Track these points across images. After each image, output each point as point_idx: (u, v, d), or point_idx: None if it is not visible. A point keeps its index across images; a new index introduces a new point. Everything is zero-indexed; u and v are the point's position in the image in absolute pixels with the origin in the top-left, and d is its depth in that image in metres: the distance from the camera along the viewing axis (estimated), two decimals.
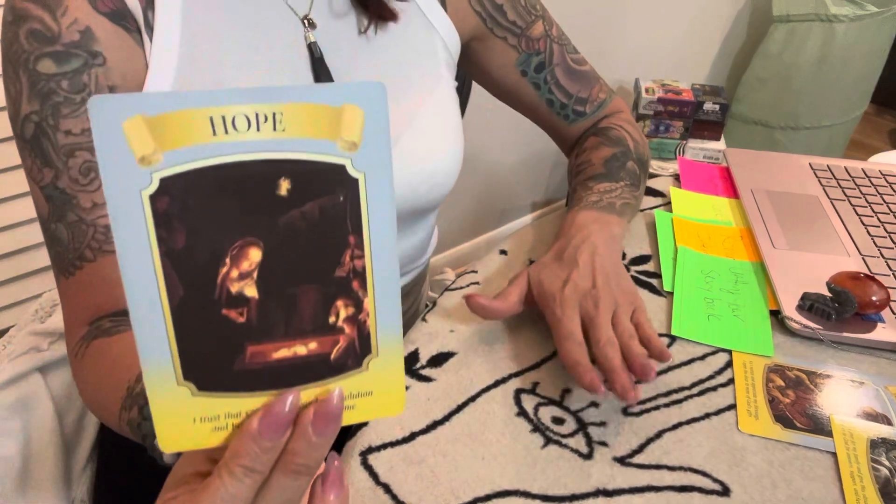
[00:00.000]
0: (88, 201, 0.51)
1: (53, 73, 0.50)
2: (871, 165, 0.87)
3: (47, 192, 0.51)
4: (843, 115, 2.12)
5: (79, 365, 0.52)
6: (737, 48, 2.33)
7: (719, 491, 0.47)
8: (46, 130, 0.50)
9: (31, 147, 0.51)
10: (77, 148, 0.51)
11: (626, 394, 0.49)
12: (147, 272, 0.28)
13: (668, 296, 0.65)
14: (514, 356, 0.57)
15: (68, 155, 0.50)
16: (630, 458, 0.49)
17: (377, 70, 0.62)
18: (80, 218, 0.51)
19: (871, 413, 0.53)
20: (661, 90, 1.87)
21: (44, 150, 0.51)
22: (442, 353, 0.57)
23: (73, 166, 0.51)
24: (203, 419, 0.30)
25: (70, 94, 0.50)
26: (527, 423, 0.52)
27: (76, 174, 0.51)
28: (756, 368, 0.57)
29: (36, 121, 0.50)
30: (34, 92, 0.50)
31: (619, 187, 0.69)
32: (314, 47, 0.59)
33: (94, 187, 0.51)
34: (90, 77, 0.51)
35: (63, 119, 0.50)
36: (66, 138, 0.50)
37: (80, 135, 0.51)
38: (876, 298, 0.59)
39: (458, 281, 0.67)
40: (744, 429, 0.52)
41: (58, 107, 0.50)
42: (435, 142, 0.64)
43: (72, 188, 0.51)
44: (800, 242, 0.71)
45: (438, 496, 0.46)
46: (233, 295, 0.29)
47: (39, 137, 0.50)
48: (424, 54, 0.66)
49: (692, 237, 0.72)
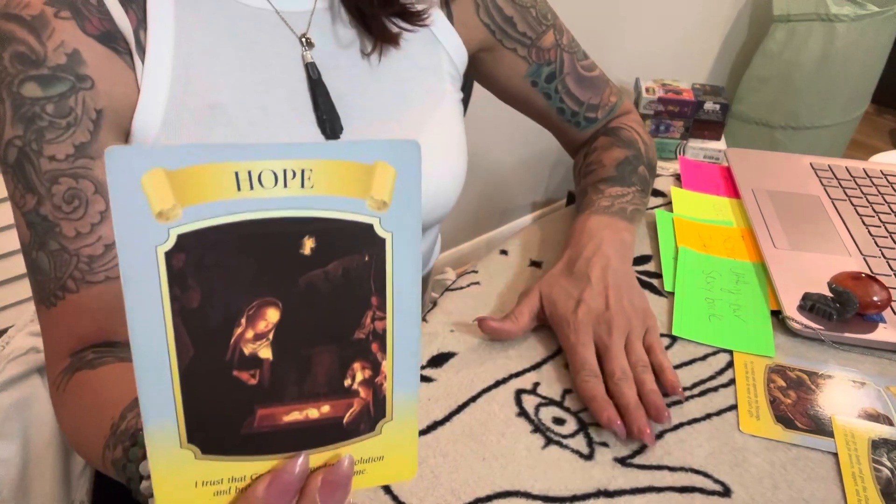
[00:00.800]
0: (72, 230, 0.49)
1: (38, 97, 0.49)
2: (872, 165, 0.86)
3: (29, 218, 0.49)
4: (844, 114, 2.12)
5: (60, 398, 0.50)
6: (737, 48, 2.33)
7: (720, 492, 0.47)
8: (30, 155, 0.49)
9: (14, 172, 0.49)
10: (61, 175, 0.49)
11: (642, 435, 0.49)
12: (157, 331, 0.26)
13: (669, 296, 0.64)
14: (514, 356, 0.57)
15: (52, 181, 0.49)
16: (631, 458, 0.49)
17: (379, 89, 0.61)
18: (63, 247, 0.49)
19: (873, 413, 0.53)
20: (661, 90, 1.87)
21: (27, 176, 0.49)
22: (442, 353, 0.57)
23: (57, 193, 0.49)
24: (205, 483, 0.29)
25: (55, 118, 0.49)
26: (527, 424, 0.51)
27: (59, 201, 0.49)
28: (757, 369, 0.57)
29: (19, 146, 0.49)
30: (18, 116, 0.49)
31: (631, 192, 0.69)
32: (311, 68, 0.57)
33: (77, 216, 0.49)
34: (77, 101, 0.49)
35: (47, 144, 0.49)
36: (49, 164, 0.49)
37: (63, 161, 0.49)
38: (877, 298, 0.59)
39: (459, 281, 0.66)
40: (745, 429, 0.52)
41: (42, 132, 0.49)
42: (438, 162, 0.63)
43: (54, 216, 0.49)
44: (801, 242, 0.71)
45: (439, 497, 0.46)
46: (246, 356, 0.28)
47: (22, 162, 0.49)
48: (428, 70, 0.64)
49: (693, 237, 0.72)
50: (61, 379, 0.50)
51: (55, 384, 0.51)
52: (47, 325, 0.51)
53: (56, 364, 0.51)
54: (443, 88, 0.65)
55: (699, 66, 2.27)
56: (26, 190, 0.49)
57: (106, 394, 0.46)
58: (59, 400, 0.51)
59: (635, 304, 0.57)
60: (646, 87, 1.88)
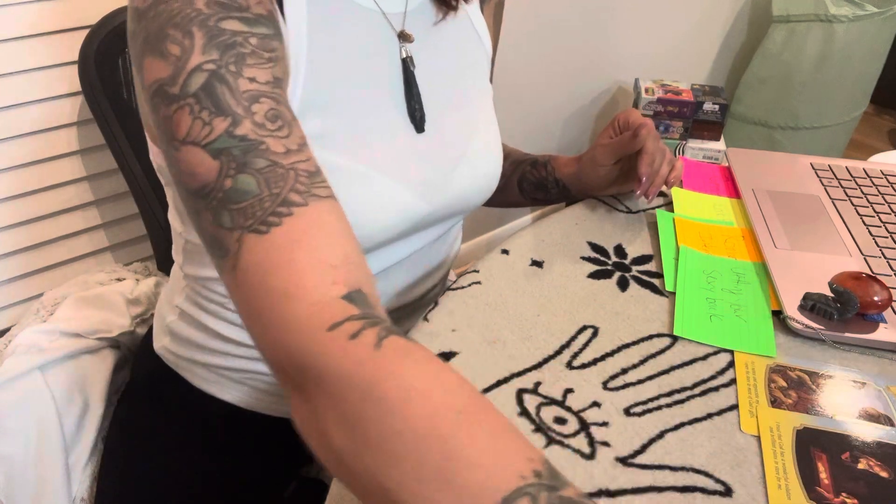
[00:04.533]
0: (280, 146, 0.43)
1: (241, 30, 0.45)
2: (872, 165, 0.87)
3: (218, 144, 0.42)
4: (843, 115, 2.12)
5: (371, 359, 0.35)
6: (736, 48, 2.33)
7: (721, 491, 0.47)
8: (225, 77, 0.43)
9: (197, 99, 0.42)
10: (262, 95, 0.44)
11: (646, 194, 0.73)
12: None
13: (670, 296, 0.65)
14: (515, 356, 0.57)
15: (252, 101, 0.43)
16: (632, 458, 0.49)
17: (445, 83, 0.65)
18: (275, 162, 0.42)
19: (873, 413, 0.53)
20: (660, 90, 1.87)
21: (217, 99, 0.42)
22: (444, 352, 0.57)
23: (259, 111, 0.43)
24: None
25: (258, 49, 0.45)
26: (529, 423, 0.52)
27: (262, 119, 0.43)
28: (758, 369, 0.57)
29: (212, 69, 0.43)
30: (213, 44, 0.43)
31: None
32: (409, 62, 0.61)
33: (283, 133, 0.43)
34: (279, 47, 0.47)
35: (248, 67, 0.44)
36: (249, 84, 0.44)
37: (265, 84, 0.44)
38: (878, 298, 0.59)
39: (460, 281, 0.67)
40: (746, 429, 0.52)
41: (243, 56, 0.44)
42: (491, 144, 0.68)
43: (258, 133, 0.42)
44: (801, 242, 0.71)
45: None
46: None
47: (213, 84, 0.42)
48: (476, 64, 0.69)
49: (694, 237, 0.72)
50: (356, 325, 0.37)
51: (333, 326, 0.37)
52: (268, 254, 0.39)
53: (315, 297, 0.38)
54: (486, 82, 0.70)
55: (698, 66, 2.27)
56: (215, 115, 0.42)
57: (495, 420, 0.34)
58: (373, 362, 0.35)
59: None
60: (645, 88, 1.88)
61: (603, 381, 0.55)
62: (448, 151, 0.63)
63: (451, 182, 0.63)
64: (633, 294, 0.65)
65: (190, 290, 0.67)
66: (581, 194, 0.81)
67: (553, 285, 0.66)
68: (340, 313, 0.37)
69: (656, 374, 0.56)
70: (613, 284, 0.66)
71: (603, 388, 0.55)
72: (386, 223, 0.58)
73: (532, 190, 0.83)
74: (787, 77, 2.03)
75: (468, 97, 0.67)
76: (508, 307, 0.62)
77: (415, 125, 0.61)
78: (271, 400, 0.70)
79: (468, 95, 0.67)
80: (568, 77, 1.87)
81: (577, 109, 1.96)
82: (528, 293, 0.64)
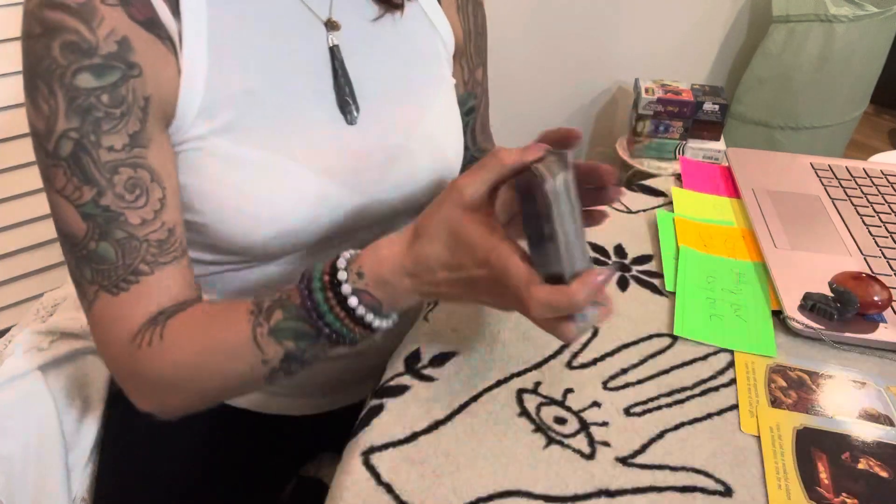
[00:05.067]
0: (137, 218, 0.50)
1: (93, 87, 0.48)
2: (872, 165, 0.87)
3: (87, 210, 0.49)
4: (843, 115, 2.12)
5: (156, 349, 0.51)
6: (736, 48, 2.33)
7: (721, 491, 0.47)
8: (87, 147, 0.49)
9: (69, 165, 0.49)
10: (120, 164, 0.49)
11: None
12: None
13: (670, 296, 0.65)
14: (515, 356, 0.57)
15: (112, 172, 0.49)
16: (632, 458, 0.49)
17: (388, 72, 0.63)
18: (130, 234, 0.50)
19: (873, 413, 0.53)
20: (660, 90, 1.87)
21: (83, 168, 0.49)
22: (444, 352, 0.57)
23: (118, 183, 0.49)
24: None
25: (110, 108, 0.49)
26: (529, 423, 0.52)
27: (122, 191, 0.50)
28: (758, 369, 0.57)
29: (75, 138, 0.48)
30: (73, 108, 0.48)
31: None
32: (336, 50, 0.59)
33: (140, 204, 0.50)
34: (128, 89, 0.50)
35: (105, 135, 0.49)
36: (108, 154, 0.49)
37: (121, 150, 0.49)
38: (878, 298, 0.59)
39: None
40: (746, 429, 0.52)
41: (99, 122, 0.49)
42: (443, 142, 0.66)
43: (118, 205, 0.49)
44: (801, 242, 0.71)
45: (440, 496, 0.46)
46: None
47: (79, 155, 0.49)
48: (429, 55, 0.67)
49: (694, 237, 0.72)
50: (146, 335, 0.51)
51: (135, 343, 0.51)
52: (114, 309, 0.51)
53: (127, 335, 0.52)
54: (442, 73, 0.68)
55: (698, 66, 2.27)
56: (83, 182, 0.49)
57: (228, 303, 0.52)
58: (155, 351, 0.51)
59: None
60: (645, 88, 1.88)
61: (603, 381, 0.55)
62: (386, 143, 0.61)
63: (388, 175, 0.61)
64: (632, 294, 0.65)
65: None
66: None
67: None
68: (140, 334, 0.52)
69: (656, 374, 0.56)
70: (613, 284, 0.66)
71: (603, 388, 0.55)
72: (308, 214, 0.57)
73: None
74: (787, 77, 2.03)
75: (414, 88, 0.65)
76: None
77: (344, 116, 0.60)
78: (266, 399, 0.70)
79: (414, 87, 0.65)
80: (568, 77, 1.87)
81: (577, 109, 1.96)
82: None
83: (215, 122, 0.53)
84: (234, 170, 0.54)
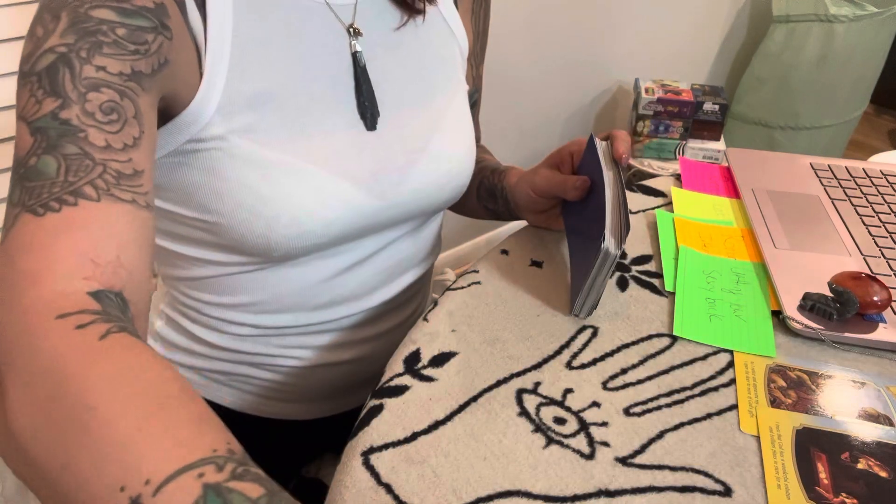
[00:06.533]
0: (101, 139, 0.41)
1: (111, 20, 0.43)
2: (872, 165, 0.87)
3: (39, 123, 0.40)
4: (843, 115, 2.12)
5: (90, 348, 0.33)
6: (736, 48, 2.33)
7: (721, 491, 0.47)
8: (71, 61, 0.41)
9: (39, 79, 0.41)
10: (105, 85, 0.42)
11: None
12: None
13: (670, 296, 0.65)
14: (515, 356, 0.57)
15: (91, 88, 0.42)
16: (632, 458, 0.49)
17: (407, 77, 0.63)
18: (85, 152, 0.40)
19: (873, 413, 0.53)
20: (660, 90, 1.87)
21: (54, 80, 0.41)
22: (443, 352, 0.57)
23: (94, 99, 0.41)
24: None
25: (123, 40, 0.43)
26: (528, 424, 0.52)
27: (94, 108, 0.41)
28: (757, 369, 0.57)
29: (62, 52, 0.41)
30: (74, 29, 0.42)
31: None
32: (359, 56, 0.60)
33: (112, 129, 0.41)
34: (155, 40, 0.45)
35: (101, 56, 0.42)
36: (95, 72, 0.42)
37: (115, 75, 0.43)
38: (877, 298, 0.59)
39: (460, 281, 0.67)
40: (745, 429, 0.52)
41: (100, 45, 0.42)
42: (458, 142, 0.66)
43: (82, 121, 0.41)
44: (801, 242, 0.71)
45: (440, 496, 0.46)
46: None
47: (57, 67, 0.41)
48: (447, 60, 0.67)
49: (693, 237, 0.72)
50: (91, 322, 0.35)
51: (57, 310, 0.35)
52: (30, 236, 0.37)
53: (63, 286, 0.36)
54: (458, 77, 0.69)
55: (698, 66, 2.27)
56: (47, 94, 0.41)
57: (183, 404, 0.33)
58: (88, 348, 0.33)
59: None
60: (645, 88, 1.88)
61: (602, 382, 0.55)
62: (406, 147, 0.62)
63: (408, 178, 0.62)
64: (632, 294, 0.65)
65: (170, 294, 0.67)
66: (517, 212, 0.75)
67: (552, 286, 0.66)
68: (76, 305, 0.35)
69: (656, 374, 0.56)
70: (613, 284, 0.66)
71: (602, 388, 0.55)
72: (327, 217, 0.57)
73: (486, 196, 0.78)
74: (787, 77, 2.03)
75: (433, 94, 0.65)
76: (508, 307, 0.62)
77: (364, 121, 0.60)
78: (262, 402, 0.70)
79: (433, 92, 0.65)
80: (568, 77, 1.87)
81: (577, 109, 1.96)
82: (528, 293, 0.64)
83: (234, 123, 0.53)
84: (253, 171, 0.54)
